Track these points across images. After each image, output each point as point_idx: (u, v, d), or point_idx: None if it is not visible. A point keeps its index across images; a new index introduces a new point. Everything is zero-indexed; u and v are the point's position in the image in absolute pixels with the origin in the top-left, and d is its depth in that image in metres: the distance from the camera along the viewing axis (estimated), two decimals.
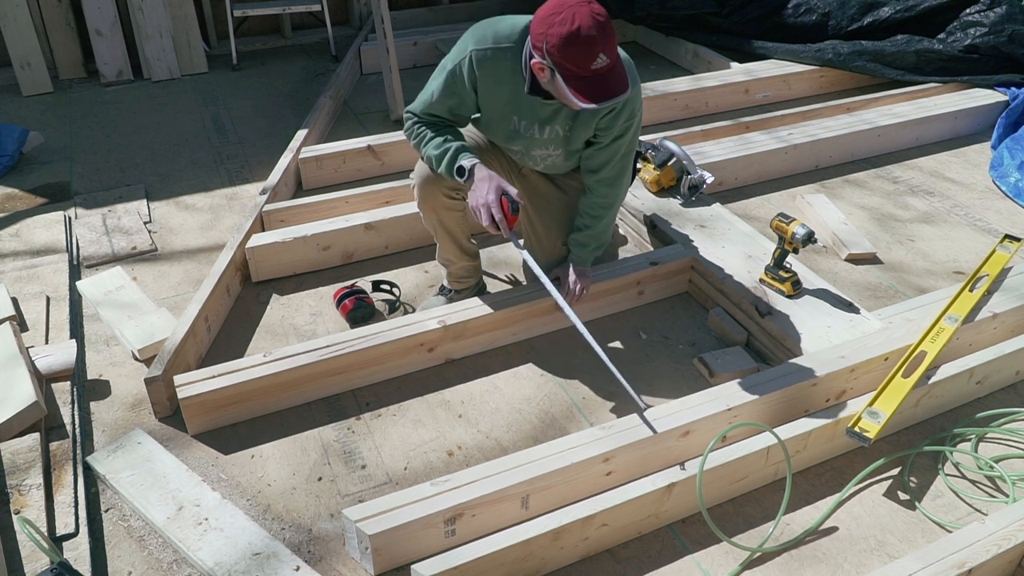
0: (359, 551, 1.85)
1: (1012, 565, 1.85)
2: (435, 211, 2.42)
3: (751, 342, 2.58)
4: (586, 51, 1.89)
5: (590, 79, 1.94)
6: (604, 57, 1.91)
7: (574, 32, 1.87)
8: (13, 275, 2.84)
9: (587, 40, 1.88)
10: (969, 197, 3.52)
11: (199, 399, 2.17)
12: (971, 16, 4.31)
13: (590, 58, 1.90)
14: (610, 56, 1.92)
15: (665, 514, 1.97)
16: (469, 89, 2.20)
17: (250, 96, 4.43)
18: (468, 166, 2.16)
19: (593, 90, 1.94)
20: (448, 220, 2.44)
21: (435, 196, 2.38)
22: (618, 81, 1.96)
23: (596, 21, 1.88)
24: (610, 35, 1.91)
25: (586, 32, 1.87)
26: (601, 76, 1.94)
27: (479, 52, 2.13)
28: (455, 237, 2.50)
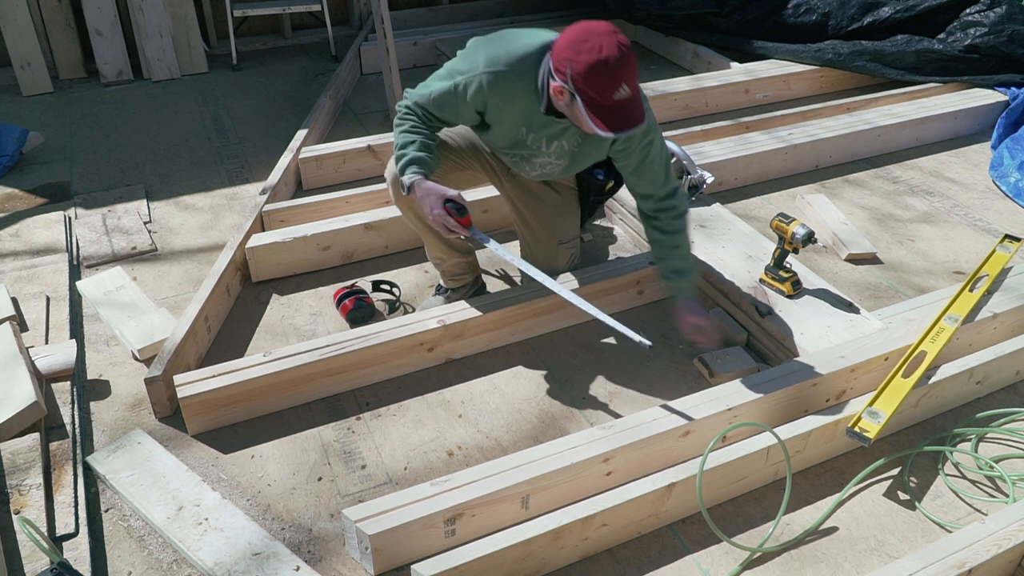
0: (359, 551, 1.85)
1: (1012, 565, 1.85)
2: (411, 208, 2.41)
3: (751, 342, 2.58)
4: (611, 81, 1.91)
5: (611, 108, 1.95)
6: (627, 88, 1.93)
7: (601, 61, 1.89)
8: (13, 275, 2.84)
9: (613, 71, 1.90)
10: (969, 197, 3.52)
11: (199, 399, 2.17)
12: (971, 16, 4.31)
13: (613, 88, 1.92)
14: (632, 87, 1.94)
15: (665, 514, 1.97)
16: (470, 107, 2.19)
17: (250, 96, 4.43)
18: (408, 183, 2.17)
19: (612, 119, 1.96)
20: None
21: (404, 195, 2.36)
22: (636, 112, 1.98)
23: (622, 52, 1.90)
24: (633, 66, 1.93)
25: (613, 63, 1.89)
26: (622, 106, 1.95)
27: (491, 75, 2.11)
28: (437, 232, 2.46)
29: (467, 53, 2.18)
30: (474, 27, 5.16)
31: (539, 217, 2.53)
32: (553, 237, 2.56)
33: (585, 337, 2.63)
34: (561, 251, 2.61)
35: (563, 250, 2.61)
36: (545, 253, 2.58)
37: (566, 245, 2.61)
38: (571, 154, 2.31)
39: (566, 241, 2.60)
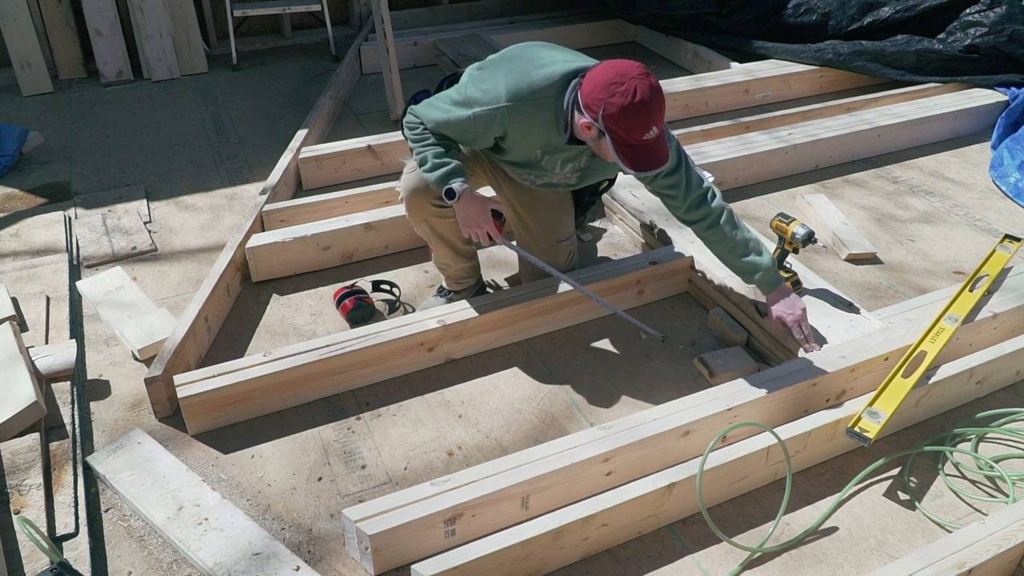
0: (359, 551, 1.85)
1: (1012, 565, 1.85)
2: (426, 220, 2.42)
3: (751, 342, 2.58)
4: (642, 124, 1.95)
5: (639, 147, 1.99)
6: (655, 129, 1.97)
7: (635, 105, 1.92)
8: (13, 275, 2.84)
9: (646, 115, 1.94)
10: (969, 197, 3.52)
11: (199, 399, 2.17)
12: (971, 16, 4.31)
13: (644, 130, 1.96)
14: (659, 127, 1.98)
15: (665, 514, 1.97)
16: (489, 136, 2.20)
17: (250, 96, 4.43)
18: (459, 191, 2.18)
19: (639, 158, 2.01)
20: (440, 226, 2.44)
21: (424, 207, 2.38)
22: (661, 151, 2.02)
23: (654, 95, 1.94)
24: (662, 108, 1.97)
25: (647, 107, 1.93)
26: (649, 146, 2.00)
27: (514, 107, 2.10)
28: (449, 242, 2.49)
29: (486, 78, 2.15)
30: (474, 27, 5.16)
31: (536, 217, 2.54)
32: (551, 236, 2.57)
33: (585, 337, 2.63)
34: (560, 249, 2.61)
35: (562, 248, 2.61)
36: (544, 252, 2.58)
37: (564, 243, 2.61)
38: (582, 172, 2.34)
39: (564, 239, 2.61)
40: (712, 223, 2.26)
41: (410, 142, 2.29)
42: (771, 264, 2.28)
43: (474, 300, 2.53)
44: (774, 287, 2.30)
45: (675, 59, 4.98)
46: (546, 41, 2.33)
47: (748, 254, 2.27)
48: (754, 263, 2.27)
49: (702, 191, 2.25)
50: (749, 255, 2.27)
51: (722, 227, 2.26)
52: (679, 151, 2.23)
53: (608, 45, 5.28)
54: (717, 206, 2.26)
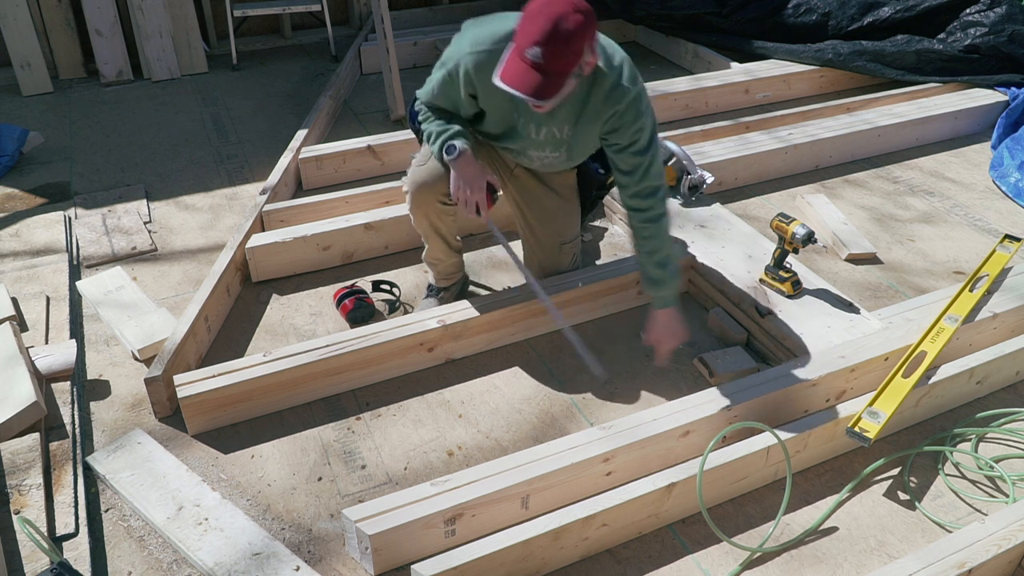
0: (359, 551, 1.85)
1: (1012, 565, 1.85)
2: (427, 216, 2.41)
3: (751, 342, 2.58)
4: (526, 31, 1.87)
5: (519, 60, 1.90)
6: (539, 53, 1.86)
7: (535, 12, 1.86)
8: (13, 275, 2.84)
9: (535, 26, 1.85)
10: (969, 197, 3.52)
11: (199, 399, 2.17)
12: (971, 16, 4.31)
13: (526, 39, 1.87)
14: (547, 58, 1.86)
15: (665, 514, 1.97)
16: (464, 92, 2.18)
17: (250, 96, 4.43)
18: (460, 147, 2.18)
19: (510, 70, 1.92)
20: (440, 224, 2.44)
21: (429, 203, 2.37)
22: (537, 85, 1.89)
23: (558, 21, 1.84)
24: (556, 41, 1.85)
25: (540, 20, 1.85)
26: (527, 66, 1.89)
27: (476, 56, 2.10)
28: (445, 238, 2.49)
29: (457, 37, 2.18)
30: None
31: (541, 218, 2.53)
32: (556, 238, 2.56)
33: (585, 337, 2.62)
34: (563, 251, 2.61)
35: (565, 250, 2.61)
36: (548, 254, 2.58)
37: (568, 245, 2.61)
38: (566, 144, 2.28)
39: (568, 241, 2.60)
40: (650, 219, 2.21)
41: (420, 128, 2.31)
42: (676, 287, 2.26)
43: (474, 300, 2.52)
44: (666, 306, 2.26)
45: (675, 59, 4.98)
46: None
47: (665, 266, 2.22)
48: (664, 276, 2.23)
49: (657, 187, 2.20)
50: (665, 267, 2.22)
51: (657, 227, 2.21)
52: (651, 140, 2.18)
53: None
54: (663, 209, 2.21)
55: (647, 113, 2.17)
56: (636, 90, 2.12)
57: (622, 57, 2.12)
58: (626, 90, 2.09)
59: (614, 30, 5.28)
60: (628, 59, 2.14)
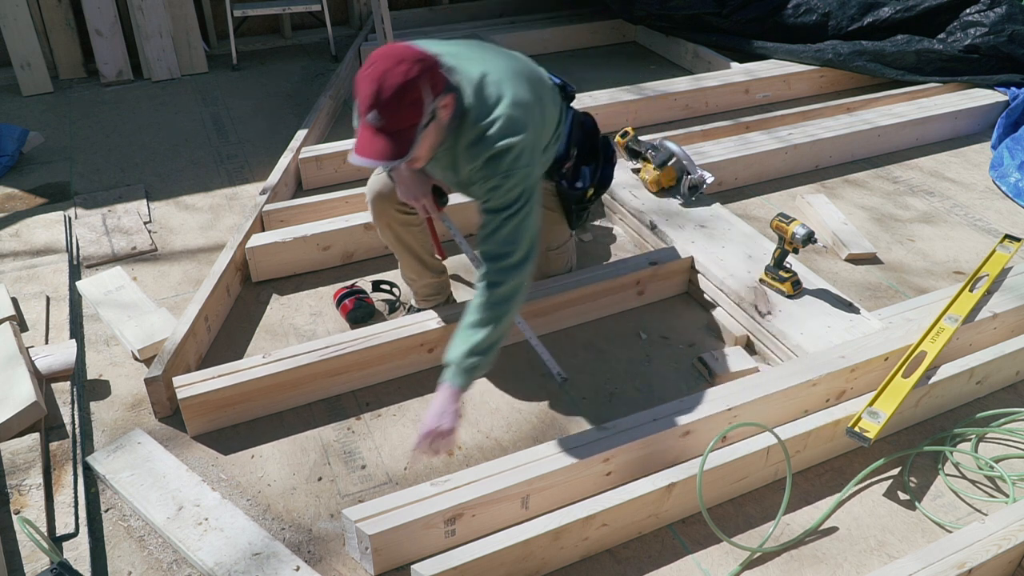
0: (359, 551, 1.85)
1: (1012, 565, 1.85)
2: (390, 227, 2.40)
3: (751, 342, 2.58)
4: (362, 99, 1.80)
5: (366, 130, 1.82)
6: (377, 116, 1.78)
7: (362, 77, 1.80)
8: (13, 275, 2.84)
9: (365, 91, 1.78)
10: (969, 197, 3.52)
11: (199, 400, 2.17)
12: (971, 16, 4.31)
13: (364, 107, 1.80)
14: (385, 120, 1.78)
15: (665, 514, 1.97)
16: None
17: (250, 96, 4.43)
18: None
19: (362, 142, 1.83)
20: (405, 235, 2.41)
21: (388, 211, 2.36)
22: (384, 148, 1.81)
23: (379, 80, 1.76)
24: (388, 103, 1.76)
25: (367, 85, 1.78)
26: (372, 132, 1.81)
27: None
28: (415, 252, 2.45)
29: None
30: (474, 27, 5.15)
31: None
32: (542, 245, 2.56)
33: (585, 337, 2.63)
34: (552, 257, 2.60)
35: (554, 256, 2.61)
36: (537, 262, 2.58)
37: (556, 251, 2.60)
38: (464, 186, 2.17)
39: (555, 248, 2.59)
40: (484, 285, 1.95)
41: None
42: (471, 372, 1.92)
43: None
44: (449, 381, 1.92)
45: (675, 59, 4.98)
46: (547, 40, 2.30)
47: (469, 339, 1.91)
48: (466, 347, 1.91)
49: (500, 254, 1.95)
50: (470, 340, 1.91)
51: (486, 295, 1.93)
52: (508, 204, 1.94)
53: (608, 45, 5.28)
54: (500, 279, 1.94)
55: (511, 175, 1.93)
56: (500, 148, 1.91)
57: (504, 110, 1.92)
58: (486, 146, 1.92)
59: (614, 30, 5.29)
60: (513, 112, 1.92)
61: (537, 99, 2.04)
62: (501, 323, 1.95)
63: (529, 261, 1.99)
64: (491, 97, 1.94)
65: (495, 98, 1.94)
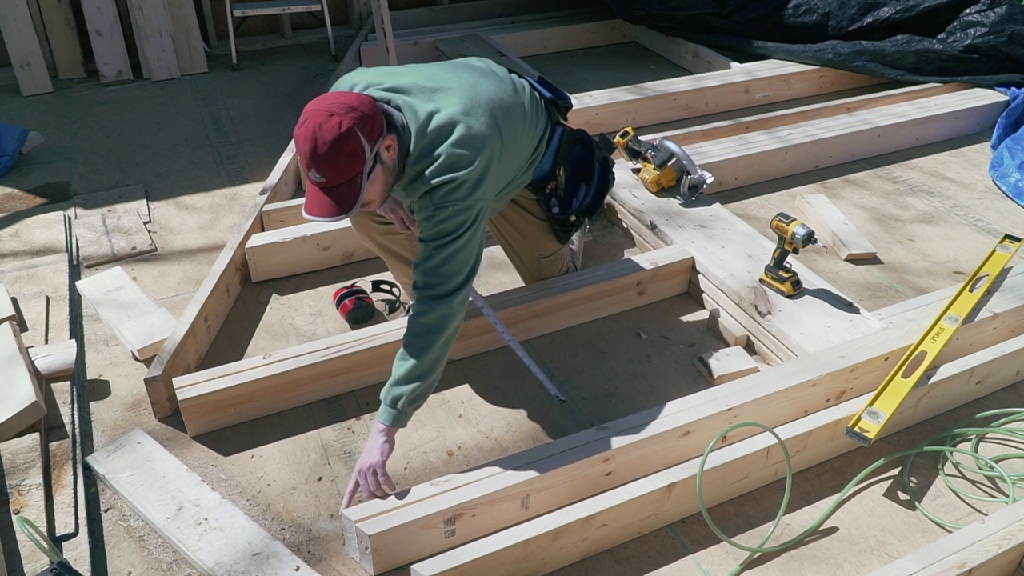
0: (359, 551, 1.85)
1: (1012, 565, 1.85)
2: (372, 238, 2.41)
3: (751, 342, 2.58)
4: (301, 158, 1.79)
5: (312, 187, 1.82)
6: (317, 175, 1.78)
7: (297, 135, 1.78)
8: (13, 275, 2.84)
9: (302, 150, 1.77)
10: (969, 197, 3.52)
11: (198, 401, 2.17)
12: (971, 16, 4.31)
13: (305, 168, 1.79)
14: (327, 176, 1.77)
15: (665, 514, 1.97)
16: None
17: (250, 96, 4.43)
18: None
19: (310, 199, 1.83)
20: (389, 243, 2.42)
21: (366, 224, 2.37)
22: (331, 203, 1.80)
23: (314, 138, 1.73)
24: (326, 158, 1.74)
25: (300, 145, 1.76)
26: (318, 189, 1.81)
27: None
28: (402, 256, 2.45)
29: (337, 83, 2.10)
30: (474, 27, 5.16)
31: (514, 236, 2.52)
32: (532, 253, 2.55)
33: (585, 337, 2.63)
34: (544, 265, 2.60)
35: (546, 264, 2.60)
36: (529, 268, 2.60)
37: (548, 259, 2.59)
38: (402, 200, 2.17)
39: (547, 255, 2.58)
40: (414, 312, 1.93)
41: None
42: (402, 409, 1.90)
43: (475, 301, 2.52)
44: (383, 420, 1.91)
45: (675, 59, 4.98)
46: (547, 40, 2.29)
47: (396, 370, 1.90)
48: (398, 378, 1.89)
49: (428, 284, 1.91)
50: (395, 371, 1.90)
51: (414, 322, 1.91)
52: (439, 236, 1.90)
53: (608, 45, 5.28)
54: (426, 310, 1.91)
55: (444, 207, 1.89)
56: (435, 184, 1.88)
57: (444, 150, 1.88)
58: (422, 184, 1.90)
59: (614, 30, 5.29)
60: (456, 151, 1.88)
61: (496, 132, 1.97)
62: (425, 355, 1.88)
63: (459, 293, 1.92)
64: (433, 136, 1.90)
65: (437, 137, 1.90)
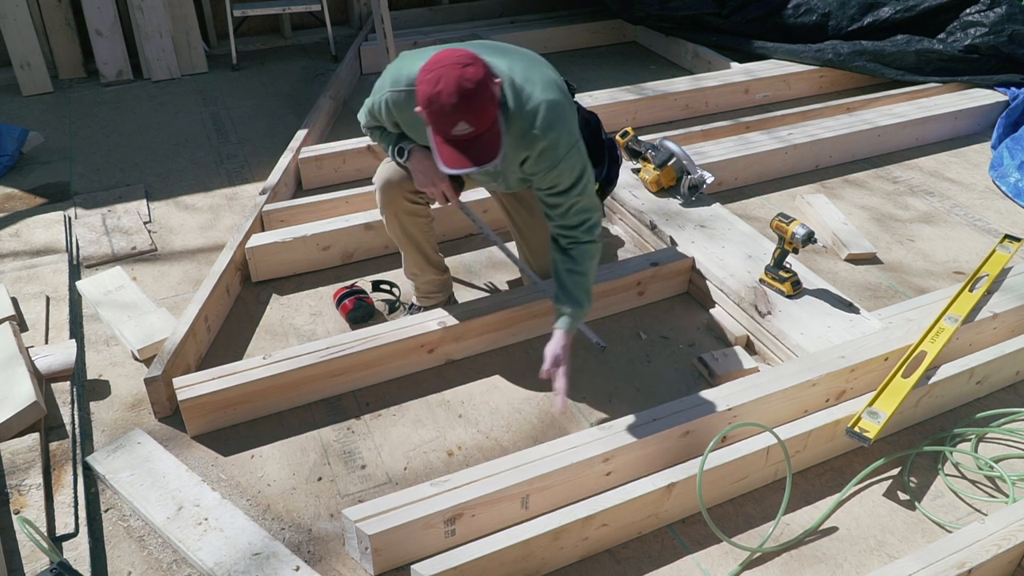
0: (359, 551, 1.85)
1: (1012, 565, 1.85)
2: (397, 216, 2.38)
3: (751, 342, 2.58)
4: (443, 118, 1.83)
5: (451, 143, 1.88)
6: (466, 125, 1.83)
7: (434, 96, 1.81)
8: (13, 275, 2.84)
9: (444, 107, 1.81)
10: (969, 197, 3.52)
11: (198, 401, 2.17)
12: (971, 16, 4.31)
13: (448, 125, 1.83)
14: (475, 124, 1.83)
15: (665, 514, 1.97)
16: (390, 124, 2.21)
17: (250, 96, 4.43)
18: (409, 146, 2.20)
19: (451, 155, 1.88)
20: (411, 227, 2.41)
21: (397, 200, 2.35)
22: (478, 152, 1.87)
23: (460, 88, 1.79)
24: (476, 104, 1.81)
25: (445, 100, 1.80)
26: (461, 143, 1.86)
27: (394, 94, 2.09)
28: (420, 246, 2.45)
29: (388, 68, 2.16)
30: (474, 27, 5.16)
31: (528, 223, 2.52)
32: (544, 242, 2.55)
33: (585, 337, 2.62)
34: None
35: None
36: (539, 257, 2.58)
37: None
38: (501, 175, 2.23)
39: None
40: (573, 242, 2.13)
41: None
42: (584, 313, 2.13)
43: (474, 302, 2.52)
44: (568, 328, 2.10)
45: (675, 59, 4.98)
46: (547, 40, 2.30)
47: (579, 285, 2.12)
48: (576, 293, 2.11)
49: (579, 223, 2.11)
50: (581, 286, 2.12)
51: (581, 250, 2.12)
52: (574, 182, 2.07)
53: (608, 45, 5.28)
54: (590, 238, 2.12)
55: (567, 157, 2.03)
56: (551, 137, 2.00)
57: (539, 100, 1.99)
58: (535, 138, 1.99)
59: (614, 30, 5.29)
60: (549, 96, 2.00)
61: (560, 85, 2.10)
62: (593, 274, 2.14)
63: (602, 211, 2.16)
64: (524, 85, 2.00)
65: (528, 86, 2.00)
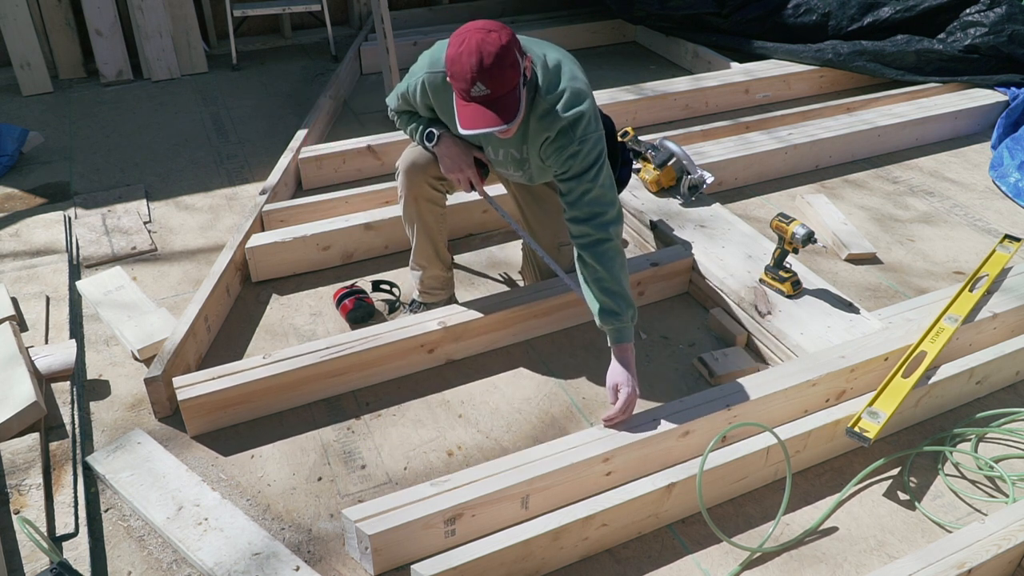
0: (359, 551, 1.85)
1: (1012, 565, 1.85)
2: (416, 201, 2.40)
3: (751, 342, 2.58)
4: (461, 77, 1.87)
5: (469, 104, 1.91)
6: (483, 87, 1.86)
7: (456, 57, 1.87)
8: (13, 275, 2.84)
9: (463, 67, 1.86)
10: (969, 197, 3.52)
11: (198, 401, 2.17)
12: (971, 16, 4.31)
13: (467, 84, 1.87)
14: (491, 87, 1.86)
15: (665, 514, 1.97)
16: (423, 107, 2.24)
17: (250, 96, 4.43)
18: (439, 132, 2.23)
19: (466, 115, 1.92)
20: (428, 214, 2.43)
21: (419, 185, 2.37)
22: (495, 114, 1.89)
23: (480, 49, 1.84)
24: (494, 66, 1.84)
25: (465, 60, 1.85)
26: (480, 104, 1.90)
27: (431, 76, 2.13)
28: (432, 236, 2.47)
29: (424, 54, 2.20)
30: None
31: (540, 219, 2.53)
32: (553, 238, 2.56)
33: (585, 337, 2.62)
34: (563, 253, 2.60)
35: (564, 252, 2.60)
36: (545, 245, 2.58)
37: (567, 247, 2.60)
38: (526, 162, 2.25)
39: (566, 243, 2.59)
40: (585, 245, 2.08)
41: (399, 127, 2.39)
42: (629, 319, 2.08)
43: (474, 302, 2.52)
44: (621, 340, 2.09)
45: (675, 59, 4.98)
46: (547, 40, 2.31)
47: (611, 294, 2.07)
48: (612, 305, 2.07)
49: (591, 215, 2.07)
50: (612, 296, 2.07)
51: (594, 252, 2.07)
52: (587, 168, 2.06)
53: (608, 45, 5.28)
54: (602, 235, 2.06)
55: (586, 141, 2.04)
56: (570, 117, 2.03)
57: (567, 83, 2.04)
58: (557, 118, 2.03)
59: (614, 30, 5.29)
60: (575, 85, 2.05)
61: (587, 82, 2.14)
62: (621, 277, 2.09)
63: (622, 213, 2.14)
64: (554, 71, 2.06)
65: (557, 72, 2.06)
